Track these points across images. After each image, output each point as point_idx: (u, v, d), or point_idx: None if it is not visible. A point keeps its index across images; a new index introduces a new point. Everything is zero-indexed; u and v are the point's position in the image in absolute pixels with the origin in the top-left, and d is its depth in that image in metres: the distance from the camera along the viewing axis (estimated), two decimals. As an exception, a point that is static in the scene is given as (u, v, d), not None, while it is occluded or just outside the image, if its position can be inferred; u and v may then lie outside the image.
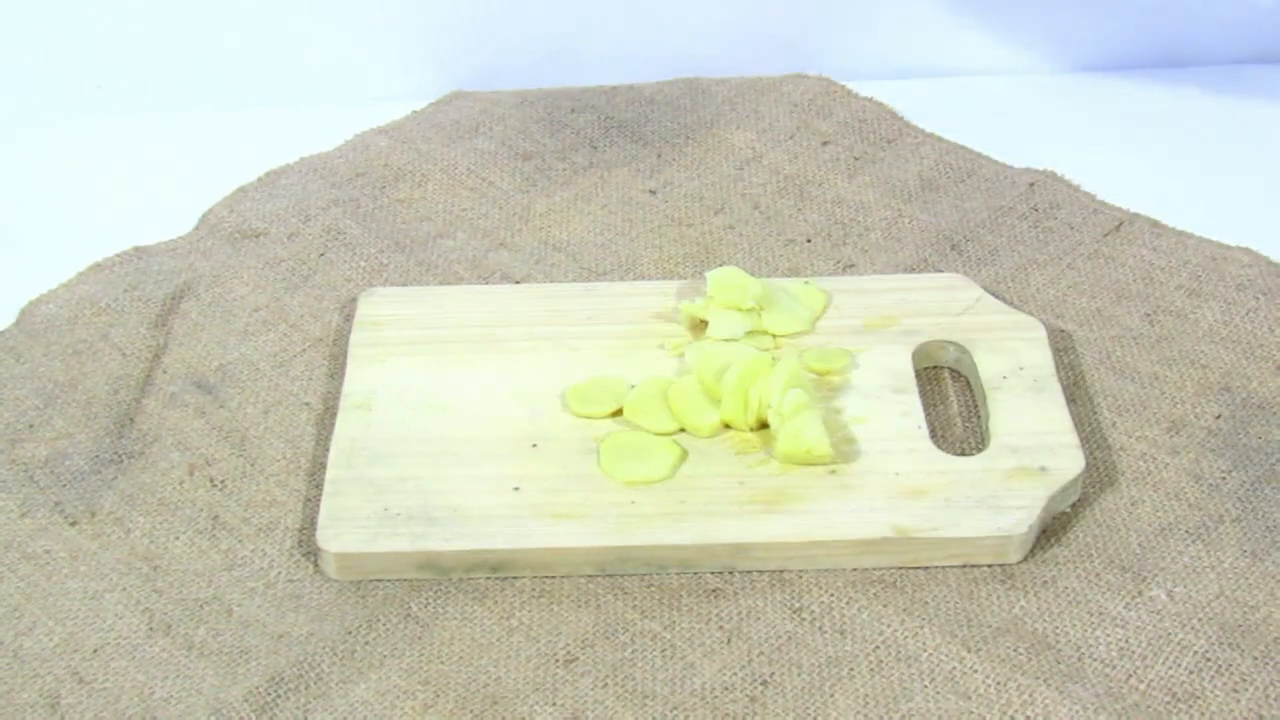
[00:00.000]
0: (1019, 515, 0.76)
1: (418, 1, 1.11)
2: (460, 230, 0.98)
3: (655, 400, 0.82)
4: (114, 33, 1.10)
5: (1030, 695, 0.70)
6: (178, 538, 0.79)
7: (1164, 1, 1.11)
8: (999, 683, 0.71)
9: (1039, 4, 1.12)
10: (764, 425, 0.80)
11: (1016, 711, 0.70)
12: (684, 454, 0.80)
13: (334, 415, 0.83)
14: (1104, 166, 1.01)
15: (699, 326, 0.86)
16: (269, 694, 0.71)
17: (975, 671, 0.71)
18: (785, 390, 0.79)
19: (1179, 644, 0.72)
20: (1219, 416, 0.83)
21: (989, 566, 0.76)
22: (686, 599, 0.74)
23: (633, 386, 0.83)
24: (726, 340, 0.85)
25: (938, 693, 0.70)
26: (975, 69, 1.13)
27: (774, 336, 0.86)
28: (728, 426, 0.81)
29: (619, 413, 0.82)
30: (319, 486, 0.80)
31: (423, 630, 0.74)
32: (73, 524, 0.79)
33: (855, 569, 0.75)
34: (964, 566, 0.73)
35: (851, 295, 0.89)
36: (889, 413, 0.82)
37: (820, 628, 0.73)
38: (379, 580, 0.76)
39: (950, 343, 0.86)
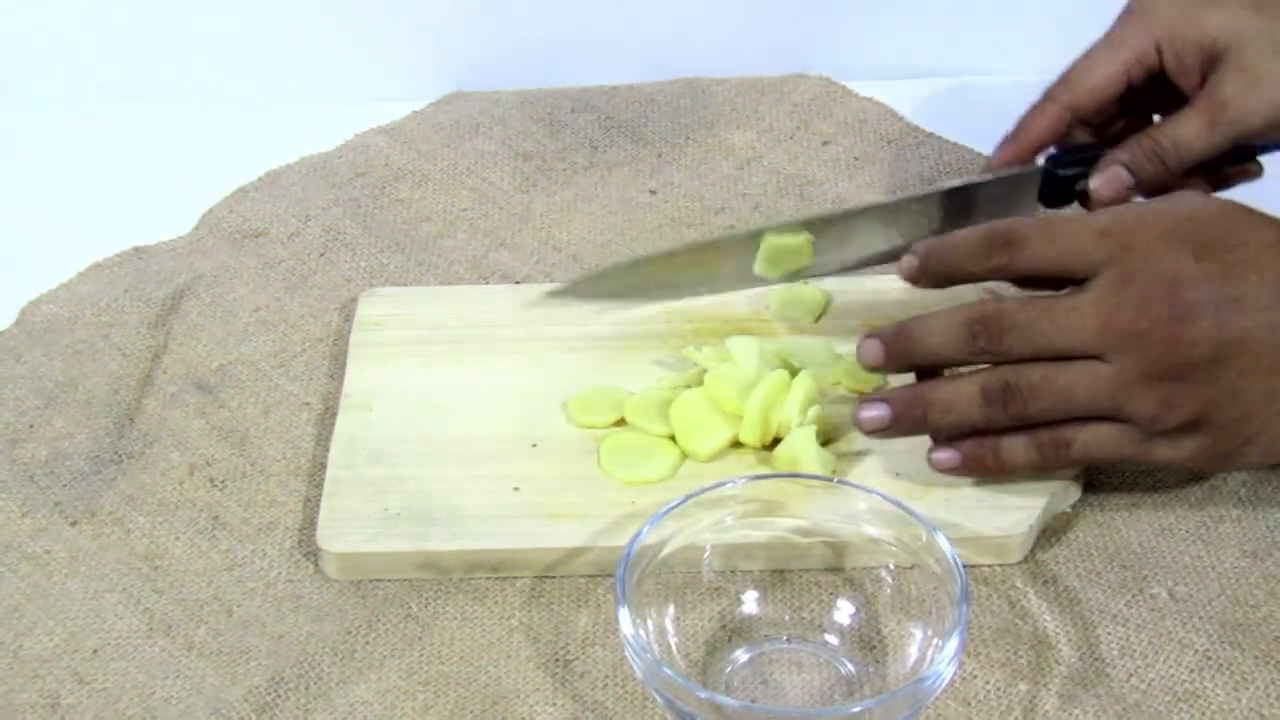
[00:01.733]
0: (1019, 515, 0.76)
1: (418, 1, 1.11)
2: (460, 230, 0.98)
3: (657, 406, 0.81)
4: (114, 32, 1.10)
5: (1030, 701, 0.70)
6: (178, 538, 0.79)
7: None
8: (999, 687, 0.71)
9: (1039, 4, 1.12)
10: (778, 442, 0.80)
11: (1018, 716, 0.70)
12: (684, 455, 0.80)
13: (334, 415, 0.83)
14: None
15: (700, 375, 0.83)
16: (269, 694, 0.71)
17: (975, 677, 0.71)
18: (804, 410, 0.79)
19: (1180, 642, 0.72)
20: (1219, 416, 0.83)
21: (989, 566, 0.76)
22: (688, 597, 0.74)
23: (633, 394, 0.83)
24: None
25: (938, 696, 0.70)
26: (975, 69, 1.12)
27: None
28: (737, 444, 0.80)
29: (621, 422, 0.81)
30: (319, 486, 0.80)
31: (423, 630, 0.74)
32: (73, 524, 0.79)
33: (855, 568, 0.75)
34: (964, 567, 0.72)
35: (851, 295, 0.89)
36: (889, 412, 0.82)
37: (820, 627, 0.73)
38: (379, 580, 0.76)
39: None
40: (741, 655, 0.72)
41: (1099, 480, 0.80)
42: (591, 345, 0.86)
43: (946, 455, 0.75)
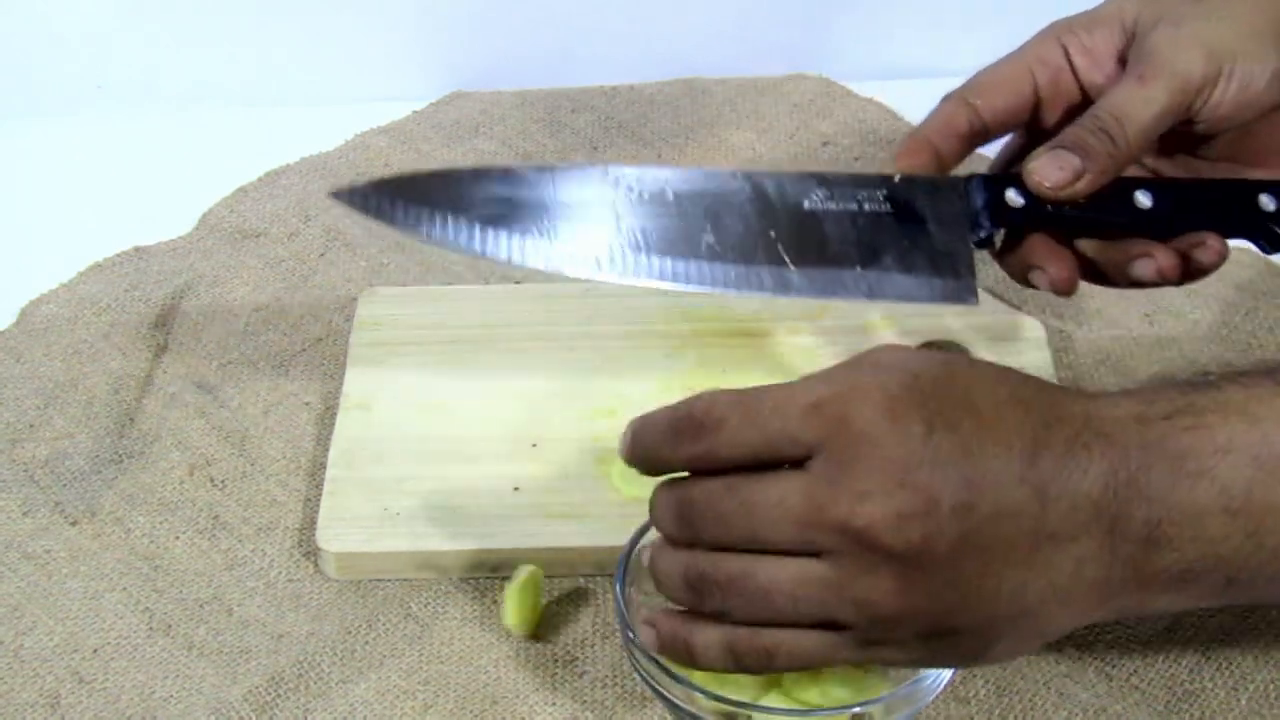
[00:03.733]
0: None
1: (418, 1, 1.11)
2: (460, 230, 0.98)
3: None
4: (114, 32, 1.10)
5: (1030, 700, 0.70)
6: (178, 538, 0.79)
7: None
8: (999, 687, 0.71)
9: (1040, 4, 1.12)
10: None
11: (1017, 715, 0.70)
12: None
13: (334, 415, 0.83)
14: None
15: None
16: (269, 694, 0.71)
17: (975, 677, 0.71)
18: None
19: (1180, 642, 0.72)
20: (1219, 416, 0.83)
21: (989, 566, 0.76)
22: (686, 599, 0.74)
23: None
24: None
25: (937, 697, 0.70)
26: (975, 69, 1.12)
27: None
28: None
29: None
30: (319, 486, 0.80)
31: (423, 630, 0.74)
32: (73, 524, 0.79)
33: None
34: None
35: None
36: (889, 412, 0.82)
37: (820, 627, 0.73)
38: (379, 580, 0.76)
39: (950, 343, 0.86)
40: None
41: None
42: (591, 345, 0.86)
43: (644, 633, 0.64)
